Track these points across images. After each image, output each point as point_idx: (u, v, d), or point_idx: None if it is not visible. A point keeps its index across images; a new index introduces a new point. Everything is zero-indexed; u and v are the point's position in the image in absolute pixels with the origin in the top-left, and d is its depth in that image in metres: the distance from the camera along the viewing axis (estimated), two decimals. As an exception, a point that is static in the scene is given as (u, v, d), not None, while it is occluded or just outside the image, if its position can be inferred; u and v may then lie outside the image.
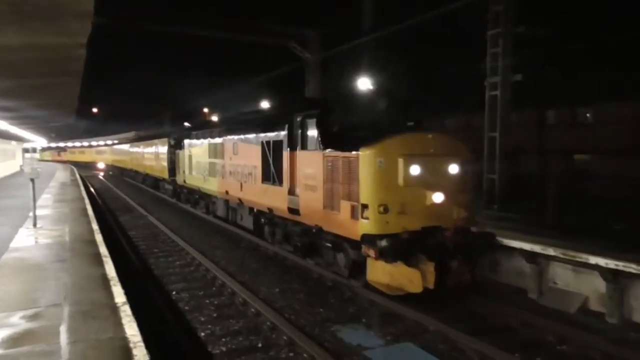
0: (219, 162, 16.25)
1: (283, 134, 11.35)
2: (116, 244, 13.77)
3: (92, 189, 32.94)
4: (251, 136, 13.37)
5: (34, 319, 5.90)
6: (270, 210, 12.35)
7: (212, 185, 17.27)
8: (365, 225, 8.61)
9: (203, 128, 19.19)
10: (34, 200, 12.89)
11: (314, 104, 11.15)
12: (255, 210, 13.88)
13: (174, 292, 10.09)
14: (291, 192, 11.00)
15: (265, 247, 13.60)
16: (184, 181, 21.46)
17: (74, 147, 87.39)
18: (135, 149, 39.06)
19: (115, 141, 60.45)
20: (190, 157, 20.32)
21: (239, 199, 14.64)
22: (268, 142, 12.16)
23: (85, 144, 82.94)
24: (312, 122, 10.31)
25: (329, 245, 10.11)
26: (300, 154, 10.76)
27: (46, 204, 17.40)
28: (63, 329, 5.50)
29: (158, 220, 19.38)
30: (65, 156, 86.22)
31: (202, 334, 7.92)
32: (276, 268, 11.80)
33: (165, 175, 26.41)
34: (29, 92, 15.33)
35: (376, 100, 11.28)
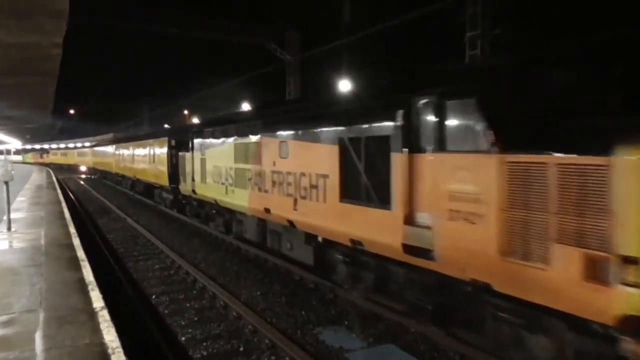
0: (252, 168, 11.67)
1: (391, 126, 7.10)
2: (94, 248, 13.53)
3: (69, 192, 32.34)
4: (319, 131, 8.99)
5: (8, 325, 5.75)
6: (357, 243, 8.04)
7: (239, 199, 12.59)
8: (633, 299, 4.46)
9: (224, 123, 14.59)
10: (8, 203, 12.60)
11: (457, 76, 6.79)
12: (320, 239, 9.54)
13: (153, 296, 9.94)
14: (410, 220, 6.78)
15: (246, 249, 13.48)
16: (193, 191, 16.70)
17: (56, 148, 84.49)
18: (123, 151, 33.67)
19: (98, 142, 55.61)
20: (203, 160, 15.51)
21: (290, 221, 10.10)
22: (355, 140, 7.95)
23: (70, 145, 79.54)
24: (462, 104, 6.10)
25: (510, 319, 5.92)
26: (433, 158, 6.43)
27: (21, 207, 17.04)
28: (38, 335, 5.38)
29: (137, 223, 19.12)
30: (48, 158, 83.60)
31: (183, 338, 7.81)
32: (258, 270, 11.72)
33: (164, 181, 21.55)
34: (2, 92, 14.97)
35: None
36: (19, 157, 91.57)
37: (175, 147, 20.40)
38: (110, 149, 40.58)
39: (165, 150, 21.46)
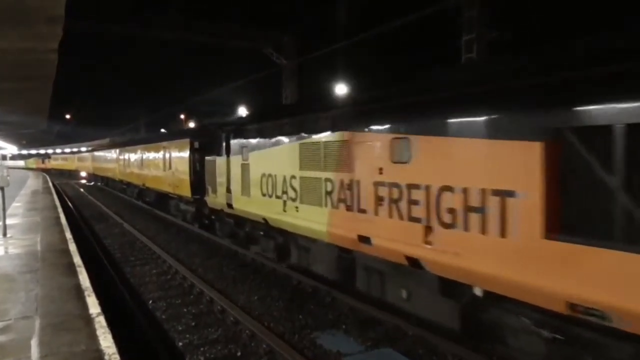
0: (334, 177, 8.23)
1: None
2: (91, 253, 13.47)
3: (65, 197, 32.24)
4: (491, 118, 5.56)
5: (4, 332, 5.71)
6: (591, 313, 4.69)
7: (307, 220, 9.16)
8: None
9: (280, 117, 10.92)
10: (4, 209, 12.54)
11: None
12: (478, 292, 6.16)
13: (150, 302, 9.91)
14: None
15: (244, 254, 13.46)
16: (229, 205, 13.13)
17: (56, 153, 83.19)
18: (129, 156, 30.02)
19: (96, 146, 53.21)
20: (245, 166, 11.94)
21: (412, 259, 6.72)
22: (596, 131, 4.58)
23: (68, 150, 77.81)
24: None
25: None
26: None
27: (16, 213, 16.97)
28: (34, 342, 5.34)
29: (134, 228, 19.06)
30: (50, 164, 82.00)
31: (180, 343, 7.78)
32: (255, 275, 11.69)
33: (185, 192, 18.14)
34: (-2, 98, 14.94)
35: None
36: (21, 163, 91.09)
37: (199, 150, 17.12)
38: (112, 153, 36.83)
39: (186, 154, 17.97)
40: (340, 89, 21.27)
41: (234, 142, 12.71)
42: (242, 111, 35.02)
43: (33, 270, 8.62)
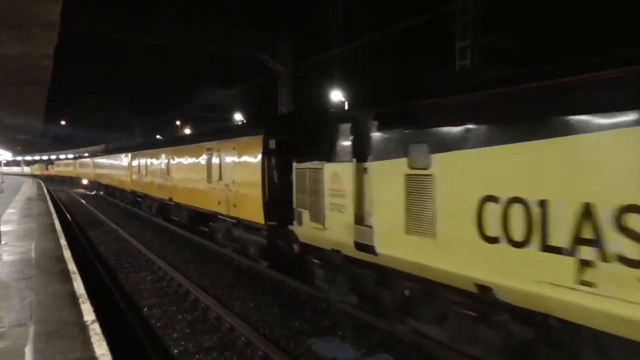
0: None
1: None
2: (86, 260, 13.40)
3: (60, 204, 32.10)
4: None
5: (-3, 340, 5.67)
6: None
7: None
8: None
9: (557, 74, 4.68)
10: (-2, 216, 12.50)
11: None
12: None
13: (145, 308, 9.86)
14: None
15: (239, 260, 13.42)
16: (362, 245, 7.32)
17: (58, 159, 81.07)
18: (148, 160, 23.65)
19: (103, 151, 47.75)
20: (419, 181, 6.06)
21: None
22: None
23: (70, 155, 74.64)
24: None
25: None
26: None
27: (11, 219, 16.88)
28: (28, 350, 5.30)
29: (129, 234, 18.99)
30: (53, 170, 77.15)
31: (175, 350, 7.74)
32: (251, 282, 11.66)
33: (253, 215, 12.14)
34: (-7, 104, 14.93)
35: None
36: (16, 169, 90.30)
37: (277, 153, 11.63)
38: (122, 158, 29.90)
39: (256, 158, 12.02)
40: (336, 95, 21.32)
41: (381, 137, 7.01)
42: (238, 117, 35.04)
43: (27, 277, 8.57)
